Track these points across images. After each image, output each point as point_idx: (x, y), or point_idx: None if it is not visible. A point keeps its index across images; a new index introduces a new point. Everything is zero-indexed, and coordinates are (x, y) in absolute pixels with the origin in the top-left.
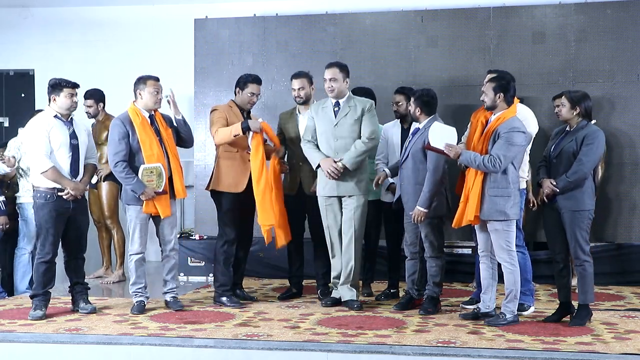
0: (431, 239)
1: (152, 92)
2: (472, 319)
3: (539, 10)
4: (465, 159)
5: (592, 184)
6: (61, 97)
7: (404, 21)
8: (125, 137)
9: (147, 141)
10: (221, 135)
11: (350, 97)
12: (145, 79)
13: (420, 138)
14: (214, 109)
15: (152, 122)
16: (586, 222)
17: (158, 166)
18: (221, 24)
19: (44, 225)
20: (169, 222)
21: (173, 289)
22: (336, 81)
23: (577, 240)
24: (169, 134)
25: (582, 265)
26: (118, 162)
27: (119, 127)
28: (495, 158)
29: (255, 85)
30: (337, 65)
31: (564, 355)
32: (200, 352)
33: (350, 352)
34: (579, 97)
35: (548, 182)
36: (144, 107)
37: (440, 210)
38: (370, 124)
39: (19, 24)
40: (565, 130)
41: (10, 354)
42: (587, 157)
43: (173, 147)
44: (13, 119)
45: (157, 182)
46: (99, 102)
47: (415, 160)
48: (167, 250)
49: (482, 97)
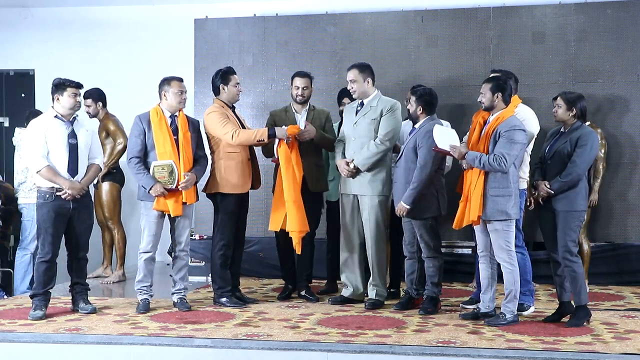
0: (426, 240)
1: (176, 93)
2: (472, 319)
3: (539, 10)
4: (471, 159)
5: (586, 185)
6: (65, 96)
7: (404, 21)
8: (142, 135)
9: (161, 139)
10: (243, 138)
11: (375, 97)
12: (170, 80)
13: (414, 137)
14: (210, 111)
15: (173, 122)
16: (576, 223)
17: (170, 163)
18: (221, 24)
19: (42, 225)
20: (182, 223)
21: (181, 289)
22: (356, 82)
23: (566, 242)
24: (187, 137)
25: (570, 267)
26: (132, 157)
27: (137, 125)
28: (501, 157)
29: (235, 76)
30: (356, 66)
31: (564, 355)
32: (200, 352)
33: (350, 352)
34: (574, 98)
35: (543, 184)
36: (168, 107)
37: (430, 211)
38: (387, 125)
39: (18, 24)
40: (559, 131)
41: (10, 354)
42: (581, 158)
43: (188, 150)
44: (13, 119)
45: (168, 178)
46: (98, 102)
47: (407, 160)
48: (178, 251)
49: (480, 98)
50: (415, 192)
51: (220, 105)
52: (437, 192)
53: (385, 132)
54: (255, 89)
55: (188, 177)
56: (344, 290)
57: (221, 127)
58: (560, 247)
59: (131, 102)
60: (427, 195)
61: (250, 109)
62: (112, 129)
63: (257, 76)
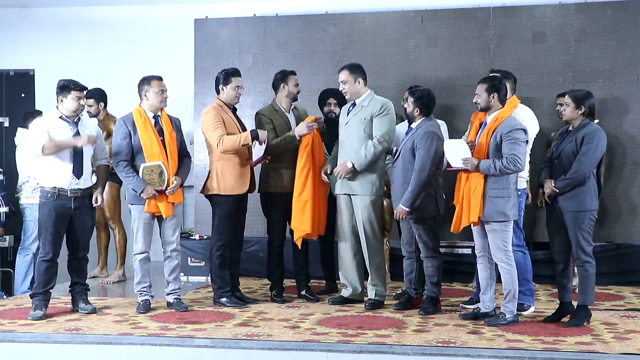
0: (424, 240)
1: (157, 92)
2: (471, 319)
3: (539, 10)
4: (485, 168)
5: (595, 184)
6: (68, 99)
7: (404, 21)
8: (127, 137)
9: (149, 141)
10: (228, 145)
11: (367, 97)
12: (149, 80)
13: (411, 138)
14: (206, 111)
15: (157, 122)
16: (587, 223)
17: (159, 164)
18: (221, 24)
19: (44, 225)
20: (171, 222)
21: (176, 290)
22: (347, 83)
23: (579, 240)
24: (172, 137)
25: (584, 265)
26: (119, 161)
27: (121, 127)
28: (514, 158)
29: (238, 78)
30: (346, 67)
31: (564, 355)
32: (200, 352)
33: (350, 352)
34: (583, 95)
35: (549, 183)
36: (149, 107)
37: (429, 211)
38: (382, 125)
39: (19, 24)
40: (567, 130)
41: (10, 354)
42: (586, 156)
43: (174, 150)
44: (13, 119)
45: (158, 180)
46: (100, 102)
47: (405, 160)
48: (169, 251)
49: (475, 99)
50: (413, 194)
51: (219, 105)
52: (435, 192)
53: (382, 132)
54: (255, 89)
55: (176, 182)
56: (344, 290)
57: (210, 132)
58: (573, 247)
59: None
60: (426, 195)
61: (250, 109)
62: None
63: (257, 76)
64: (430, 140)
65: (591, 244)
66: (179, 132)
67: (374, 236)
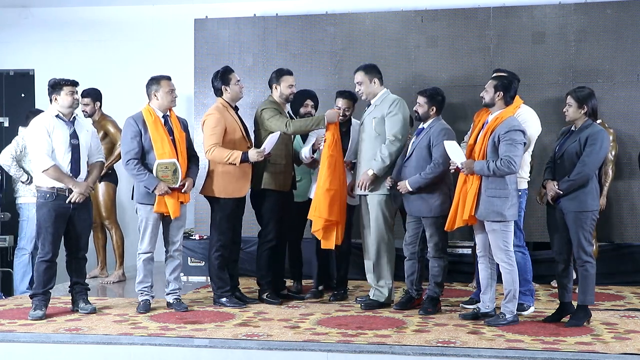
0: (436, 240)
1: (167, 92)
2: (472, 319)
3: (539, 10)
4: (479, 169)
5: (597, 185)
6: (62, 95)
7: (404, 21)
8: (138, 136)
9: (159, 139)
10: (216, 156)
11: (381, 96)
12: (159, 79)
13: (426, 136)
14: (209, 114)
15: (166, 122)
16: (589, 223)
17: (173, 162)
18: (221, 24)
19: (43, 225)
20: (177, 223)
21: (176, 290)
22: (362, 84)
23: (580, 240)
24: (182, 137)
25: (584, 266)
26: (130, 159)
27: (131, 126)
28: (509, 160)
29: (233, 74)
30: (361, 68)
31: (564, 355)
32: (200, 352)
33: (350, 352)
34: (585, 95)
35: (552, 184)
36: (159, 107)
37: (445, 209)
38: (391, 125)
39: (18, 24)
40: (570, 130)
41: (10, 354)
42: (590, 157)
43: (184, 149)
44: (13, 119)
45: (172, 178)
46: (96, 101)
47: (419, 159)
48: (172, 251)
49: (482, 93)
50: (424, 181)
51: (223, 107)
52: (449, 191)
53: (393, 131)
54: (255, 89)
55: (189, 182)
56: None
57: (207, 137)
58: (574, 247)
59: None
60: (440, 193)
61: (250, 109)
62: (112, 131)
63: (257, 76)
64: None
65: (592, 244)
66: (186, 131)
67: (381, 236)
